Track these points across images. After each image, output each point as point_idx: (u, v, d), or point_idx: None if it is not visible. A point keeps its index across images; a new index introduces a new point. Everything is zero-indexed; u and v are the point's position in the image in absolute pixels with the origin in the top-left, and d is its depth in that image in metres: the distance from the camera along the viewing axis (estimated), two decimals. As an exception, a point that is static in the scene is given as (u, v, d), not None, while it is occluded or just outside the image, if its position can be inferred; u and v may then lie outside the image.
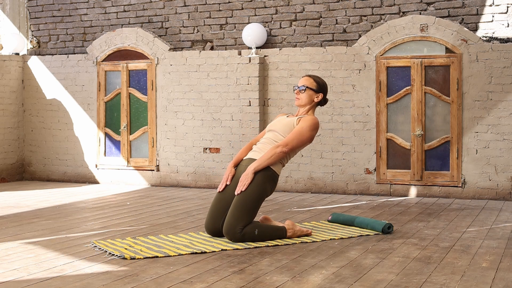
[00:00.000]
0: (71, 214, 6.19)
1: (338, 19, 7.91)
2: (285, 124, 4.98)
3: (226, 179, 4.91)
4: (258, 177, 4.76)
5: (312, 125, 4.91)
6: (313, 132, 4.92)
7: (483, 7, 7.34)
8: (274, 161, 4.81)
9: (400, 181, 7.50)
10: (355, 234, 5.04)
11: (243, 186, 4.72)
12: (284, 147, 4.81)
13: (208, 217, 4.89)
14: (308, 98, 5.03)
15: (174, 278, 3.74)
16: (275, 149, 4.81)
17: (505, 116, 7.14)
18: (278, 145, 4.82)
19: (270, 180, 4.82)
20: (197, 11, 8.57)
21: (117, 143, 8.81)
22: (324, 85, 5.12)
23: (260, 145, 4.98)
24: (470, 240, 4.87)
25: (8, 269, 3.94)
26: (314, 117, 4.99)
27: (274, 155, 4.79)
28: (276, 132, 4.97)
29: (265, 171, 4.79)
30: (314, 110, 5.10)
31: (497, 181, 7.17)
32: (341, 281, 3.66)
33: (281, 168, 4.93)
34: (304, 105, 5.05)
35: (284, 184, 7.97)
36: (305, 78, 5.11)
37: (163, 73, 8.53)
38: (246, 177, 4.74)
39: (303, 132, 4.87)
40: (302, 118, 4.95)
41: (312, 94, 5.04)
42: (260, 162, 4.78)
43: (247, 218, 4.69)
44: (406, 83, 7.50)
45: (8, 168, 9.15)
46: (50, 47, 9.46)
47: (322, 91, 5.09)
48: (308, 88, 5.03)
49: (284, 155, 4.84)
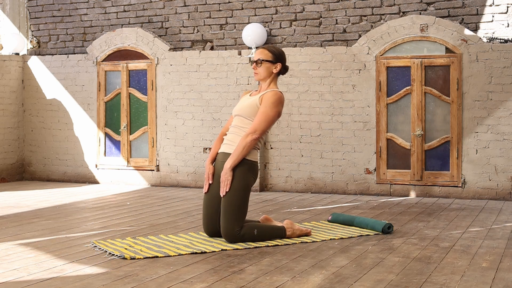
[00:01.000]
0: (71, 214, 6.19)
1: (338, 19, 7.92)
2: (249, 105, 4.84)
3: (208, 178, 4.86)
4: (238, 172, 4.70)
5: (274, 101, 4.77)
6: (278, 108, 4.78)
7: (483, 7, 7.34)
8: (247, 151, 4.72)
9: (400, 181, 7.50)
10: (355, 234, 5.04)
11: (226, 186, 4.68)
12: (253, 134, 4.71)
13: (203, 220, 4.89)
14: (266, 71, 4.89)
15: (174, 278, 3.73)
16: (245, 139, 4.70)
17: (505, 116, 7.14)
18: (248, 134, 4.71)
19: (250, 170, 4.76)
20: (197, 11, 8.58)
21: (117, 143, 8.81)
22: (281, 54, 4.95)
23: (230, 135, 4.88)
24: (470, 240, 4.87)
25: (8, 269, 3.94)
26: (275, 91, 4.83)
27: (246, 145, 4.69)
28: (242, 117, 4.85)
29: (242, 164, 4.72)
30: (276, 82, 4.96)
31: (497, 181, 7.17)
32: (341, 281, 3.66)
33: (257, 152, 4.83)
34: (264, 79, 4.91)
35: (284, 184, 7.97)
36: (260, 50, 4.94)
37: (163, 73, 8.53)
38: (226, 177, 4.68)
39: (267, 111, 4.75)
40: (264, 96, 4.81)
41: (270, 65, 4.90)
42: (235, 157, 4.69)
43: (241, 217, 4.68)
44: (406, 83, 7.50)
45: (8, 168, 9.15)
46: (50, 47, 9.46)
47: (280, 60, 4.92)
48: (264, 60, 4.89)
49: (255, 142, 4.73)
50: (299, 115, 7.90)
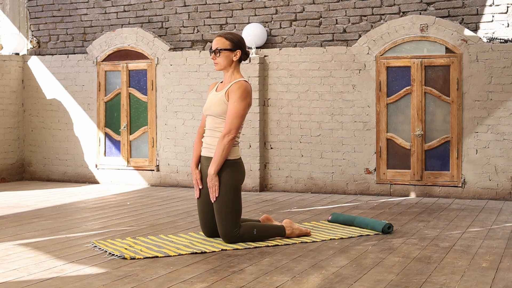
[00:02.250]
0: (71, 214, 6.19)
1: (338, 19, 7.91)
2: (217, 103, 4.75)
3: (197, 184, 4.82)
4: (223, 175, 4.67)
5: (241, 94, 4.64)
6: (246, 99, 4.67)
7: (483, 7, 7.34)
8: (227, 153, 4.65)
9: (400, 181, 7.50)
10: (355, 234, 5.04)
11: (215, 192, 4.65)
12: (229, 135, 4.63)
13: (201, 224, 4.90)
14: (226, 60, 4.73)
15: (174, 278, 3.74)
16: (222, 141, 4.63)
17: (505, 116, 7.14)
18: (223, 135, 4.64)
19: (235, 169, 4.71)
20: (197, 11, 8.58)
21: (117, 143, 8.81)
22: (240, 41, 4.79)
23: (208, 139, 4.81)
24: (470, 240, 4.87)
25: (8, 269, 3.94)
26: (240, 82, 4.70)
27: (225, 147, 4.63)
28: (213, 117, 4.78)
29: (225, 165, 4.67)
30: (239, 69, 4.79)
31: (497, 181, 7.17)
32: (341, 281, 3.66)
33: (238, 148, 4.78)
34: (225, 68, 4.78)
35: (284, 184, 7.97)
36: (217, 39, 4.77)
37: (163, 73, 8.53)
38: (213, 183, 4.64)
39: (236, 107, 4.64)
40: (230, 90, 4.68)
41: (229, 54, 4.73)
42: (217, 162, 4.63)
43: (236, 218, 4.67)
44: (406, 83, 7.50)
45: (8, 168, 9.15)
46: (50, 47, 9.46)
47: (239, 47, 4.76)
48: (222, 50, 4.73)
49: (233, 141, 4.66)
50: (299, 115, 7.90)
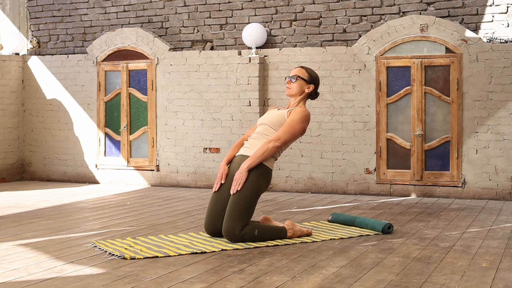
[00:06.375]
0: (71, 214, 6.19)
1: (338, 19, 7.91)
2: (275, 116, 4.92)
3: (221, 178, 4.88)
4: (252, 175, 4.72)
5: (303, 117, 4.85)
6: (304, 124, 4.87)
7: (483, 7, 7.34)
8: (267, 157, 4.77)
9: (400, 181, 7.50)
10: (355, 234, 5.04)
11: (238, 185, 4.69)
12: (276, 142, 4.77)
13: (206, 218, 4.89)
14: (299, 88, 4.98)
15: (174, 278, 3.74)
16: (267, 144, 4.76)
17: (505, 116, 7.14)
18: (270, 140, 4.78)
19: (264, 176, 4.79)
20: (197, 11, 8.58)
21: (117, 143, 8.81)
22: (316, 78, 5.07)
23: (251, 140, 4.93)
24: (470, 240, 4.87)
25: (8, 269, 3.94)
26: (304, 108, 4.93)
27: (267, 151, 4.74)
28: (266, 125, 4.91)
29: (258, 168, 4.75)
30: (305, 102, 5.04)
31: (497, 181, 7.17)
32: (341, 281, 3.66)
33: (274, 162, 4.90)
34: (295, 95, 4.99)
35: (284, 184, 7.97)
36: (298, 68, 5.06)
37: (163, 73, 8.53)
38: (241, 176, 4.70)
39: (294, 125, 4.82)
40: (293, 111, 4.90)
41: (303, 84, 4.99)
42: (253, 159, 4.73)
43: (245, 218, 4.68)
44: (406, 83, 7.50)
45: (8, 168, 9.15)
46: (50, 47, 9.46)
47: (314, 82, 5.03)
48: (300, 77, 4.98)
49: (276, 150, 4.79)
50: (299, 115, 7.89)
